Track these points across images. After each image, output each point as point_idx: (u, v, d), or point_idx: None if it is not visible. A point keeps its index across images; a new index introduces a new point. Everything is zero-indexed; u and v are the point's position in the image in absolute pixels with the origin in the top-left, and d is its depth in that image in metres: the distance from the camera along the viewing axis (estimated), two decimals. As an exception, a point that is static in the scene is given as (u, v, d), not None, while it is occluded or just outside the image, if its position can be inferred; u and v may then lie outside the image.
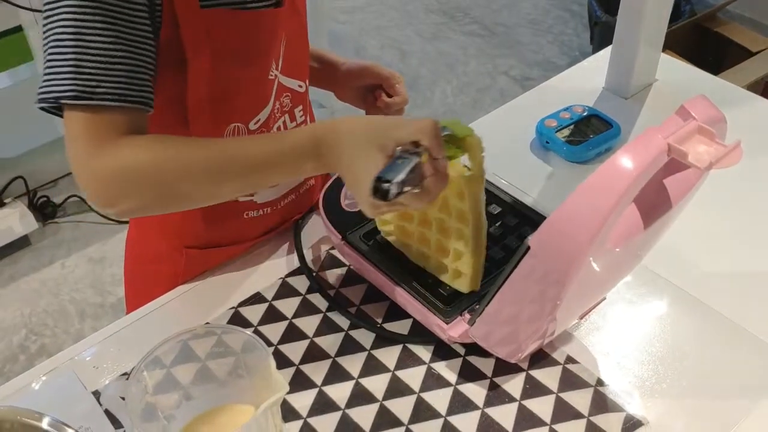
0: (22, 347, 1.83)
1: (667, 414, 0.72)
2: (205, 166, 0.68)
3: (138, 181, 0.67)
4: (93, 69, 0.65)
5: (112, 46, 0.65)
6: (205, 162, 0.68)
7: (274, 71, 0.79)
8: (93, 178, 0.67)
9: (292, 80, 0.83)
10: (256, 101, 0.79)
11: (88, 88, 0.65)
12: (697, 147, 0.55)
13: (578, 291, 0.64)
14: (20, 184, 2.09)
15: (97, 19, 0.64)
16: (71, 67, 0.64)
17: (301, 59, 0.85)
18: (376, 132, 0.67)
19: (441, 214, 0.80)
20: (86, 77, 0.64)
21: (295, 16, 0.80)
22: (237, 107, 0.78)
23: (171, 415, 0.67)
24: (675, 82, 1.17)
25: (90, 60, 0.64)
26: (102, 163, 0.66)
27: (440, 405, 0.73)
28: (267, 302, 0.83)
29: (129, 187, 0.67)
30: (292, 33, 0.80)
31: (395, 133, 0.66)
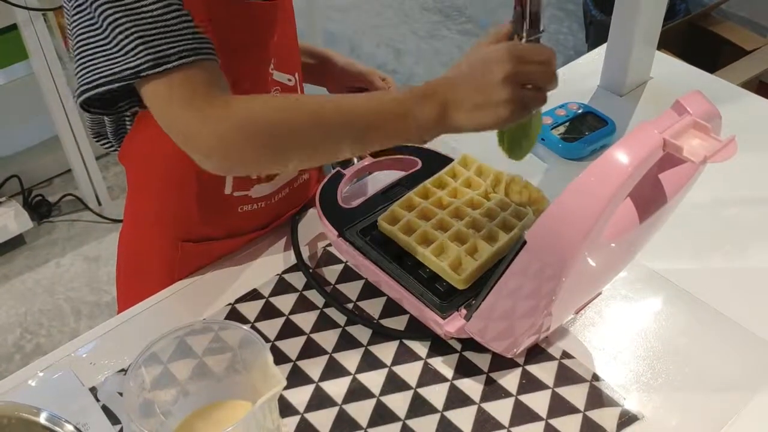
0: (17, 346, 1.82)
1: (663, 408, 0.73)
2: (316, 121, 0.67)
3: (255, 132, 0.66)
4: (157, 35, 0.64)
5: (164, 9, 0.64)
6: (317, 116, 0.67)
7: (269, 67, 0.80)
8: (214, 135, 0.65)
9: (282, 74, 0.83)
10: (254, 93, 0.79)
11: (161, 54, 0.64)
12: (692, 141, 0.55)
13: (574, 286, 0.65)
14: (15, 182, 2.09)
15: None
16: (136, 40, 0.64)
17: (290, 53, 0.85)
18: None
19: (443, 212, 0.81)
20: (155, 45, 0.64)
21: (283, 10, 0.81)
22: None
23: (168, 410, 0.67)
24: (670, 79, 1.17)
25: (151, 29, 0.64)
26: (220, 115, 0.65)
27: (437, 400, 0.73)
28: (264, 298, 0.83)
29: (248, 138, 0.65)
30: (284, 25, 0.81)
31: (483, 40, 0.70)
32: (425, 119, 0.67)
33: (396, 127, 0.68)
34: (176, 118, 0.66)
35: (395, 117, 0.68)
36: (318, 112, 0.67)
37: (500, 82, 0.65)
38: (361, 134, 0.68)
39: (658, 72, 1.17)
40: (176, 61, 0.64)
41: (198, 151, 0.66)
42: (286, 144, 0.67)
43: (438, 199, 0.84)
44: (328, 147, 0.69)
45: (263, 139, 0.66)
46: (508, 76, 0.65)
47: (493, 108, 0.66)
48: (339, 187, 0.88)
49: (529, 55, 0.66)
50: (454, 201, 0.83)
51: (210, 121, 0.65)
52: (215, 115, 0.65)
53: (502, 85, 0.65)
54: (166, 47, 0.64)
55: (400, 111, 0.68)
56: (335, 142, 0.69)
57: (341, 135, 0.68)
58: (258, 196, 0.86)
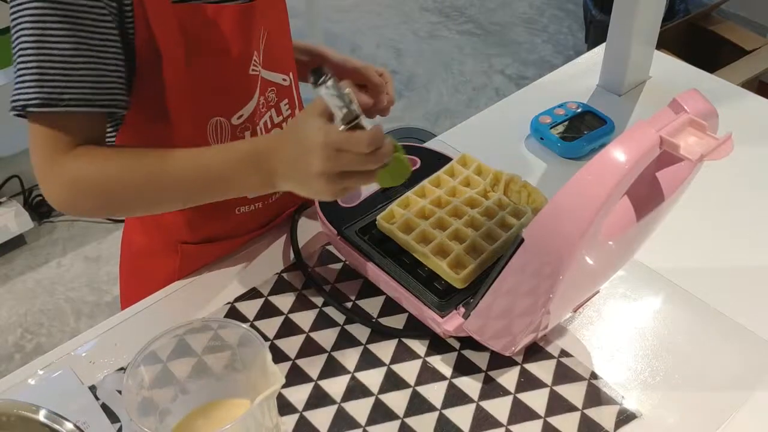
0: (17, 346, 1.82)
1: (661, 407, 0.73)
2: (146, 180, 0.70)
3: (87, 191, 0.70)
4: (56, 76, 0.66)
5: (75, 52, 0.66)
6: (147, 177, 0.70)
7: (257, 66, 0.79)
8: (49, 186, 0.70)
9: (275, 74, 0.83)
10: (238, 97, 0.79)
11: (54, 95, 0.66)
12: (689, 139, 0.55)
13: (571, 284, 0.65)
14: (15, 183, 2.09)
15: (57, 26, 0.65)
16: (35, 75, 0.65)
17: (283, 53, 0.84)
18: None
19: (442, 211, 0.81)
20: (51, 85, 0.66)
21: (273, 9, 0.80)
22: (217, 103, 0.78)
23: (167, 409, 0.67)
24: (669, 79, 1.17)
25: (53, 67, 0.65)
26: (57, 173, 0.69)
27: (435, 398, 0.73)
28: (263, 297, 0.83)
29: (80, 196, 0.71)
30: (271, 27, 0.80)
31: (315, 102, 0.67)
32: (250, 186, 0.70)
33: (223, 191, 0.72)
34: (33, 159, 0.70)
35: (221, 182, 0.70)
36: (148, 176, 0.70)
37: (316, 175, 0.64)
38: (190, 196, 0.73)
39: (657, 71, 1.17)
40: (65, 107, 0.66)
41: (43, 193, 0.71)
42: (119, 203, 0.72)
43: (437, 198, 0.84)
44: (162, 205, 0.75)
45: (94, 199, 0.71)
46: (322, 172, 0.64)
47: (314, 193, 0.68)
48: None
49: (345, 145, 0.63)
50: (453, 200, 0.83)
51: (48, 172, 0.69)
52: (56, 171, 0.69)
53: (317, 178, 0.65)
54: (60, 90, 0.66)
55: (225, 176, 0.70)
56: (168, 202, 0.74)
57: (172, 197, 0.73)
58: (255, 197, 0.86)
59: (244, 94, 0.79)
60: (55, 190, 0.70)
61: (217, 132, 0.79)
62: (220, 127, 0.79)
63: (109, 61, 0.68)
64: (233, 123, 0.80)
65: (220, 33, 0.74)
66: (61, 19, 0.64)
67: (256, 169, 0.69)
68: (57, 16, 0.64)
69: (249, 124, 0.81)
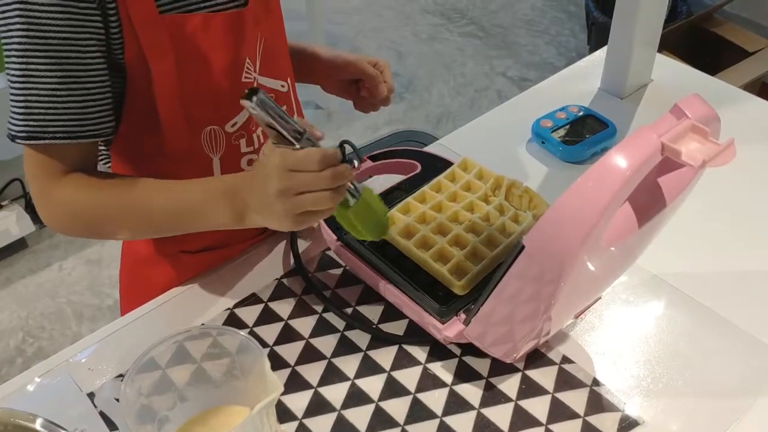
0: (19, 350, 1.82)
1: (663, 414, 0.72)
2: (126, 211, 0.74)
3: (76, 217, 0.75)
4: (42, 110, 0.67)
5: (60, 86, 0.67)
6: (127, 208, 0.74)
7: (252, 73, 0.79)
8: (43, 211, 0.75)
9: (273, 81, 0.82)
10: (230, 104, 0.78)
11: (39, 128, 0.68)
12: (691, 145, 0.55)
13: (573, 290, 0.64)
14: (17, 186, 2.09)
15: (42, 61, 0.66)
16: (22, 108, 0.68)
17: (280, 59, 0.84)
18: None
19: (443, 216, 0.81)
20: (36, 118, 0.67)
21: (269, 15, 0.80)
22: (210, 111, 0.78)
23: (166, 416, 0.67)
24: (671, 82, 1.17)
25: (38, 101, 0.67)
26: (50, 199, 0.73)
27: (436, 405, 0.73)
28: (263, 303, 0.83)
29: (70, 221, 0.75)
30: (268, 33, 0.80)
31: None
32: (221, 220, 0.72)
33: (196, 224, 0.74)
34: (30, 188, 0.74)
35: (194, 216, 0.73)
36: (128, 207, 0.74)
37: (275, 197, 0.66)
38: (164, 228, 0.76)
39: (659, 74, 1.16)
40: (51, 139, 0.69)
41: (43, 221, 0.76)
42: (103, 229, 0.77)
43: (438, 203, 0.83)
44: (142, 233, 0.80)
45: (82, 224, 0.75)
46: (280, 191, 0.65)
47: (277, 218, 0.68)
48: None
49: (298, 165, 0.65)
50: (454, 205, 0.83)
51: (42, 200, 0.74)
52: (48, 198, 0.73)
53: (276, 199, 0.66)
54: (46, 123, 0.68)
55: (197, 210, 0.72)
56: (146, 231, 0.79)
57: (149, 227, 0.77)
58: None
59: (236, 103, 0.78)
60: (48, 215, 0.75)
61: (212, 140, 0.79)
62: (214, 135, 0.79)
63: (94, 92, 0.69)
64: (227, 131, 0.79)
65: (210, 41, 0.73)
66: (45, 55, 0.66)
67: (229, 203, 0.71)
68: (40, 52, 0.65)
69: (244, 132, 0.80)
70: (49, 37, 0.65)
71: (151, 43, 0.70)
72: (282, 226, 0.69)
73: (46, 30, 0.65)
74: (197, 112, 0.76)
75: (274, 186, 0.65)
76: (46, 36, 0.65)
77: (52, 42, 0.65)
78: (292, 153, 0.65)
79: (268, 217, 0.69)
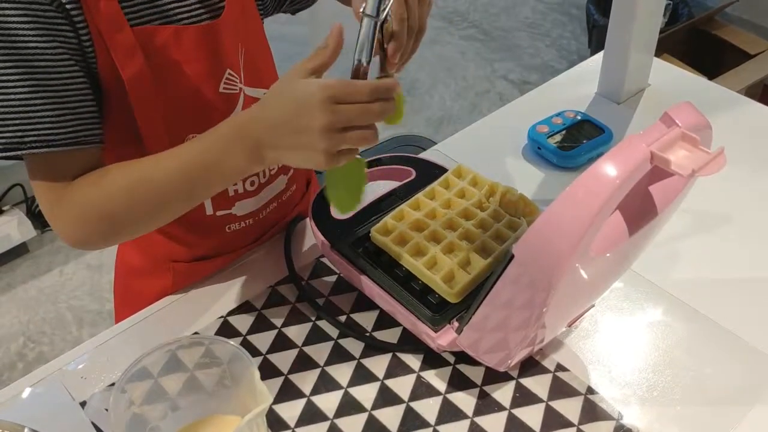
0: (20, 355, 1.83)
1: (659, 422, 0.72)
2: (145, 188, 0.70)
3: (97, 219, 0.70)
4: (16, 121, 0.66)
5: (32, 95, 0.66)
6: (146, 184, 0.70)
7: (237, 84, 0.79)
8: (58, 227, 0.72)
9: (256, 90, 0.81)
10: (209, 114, 0.77)
11: (15, 139, 0.67)
12: (680, 154, 0.54)
13: (565, 298, 0.64)
14: (18, 191, 2.09)
15: (11, 72, 0.65)
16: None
17: (263, 66, 0.84)
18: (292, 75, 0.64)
19: (436, 223, 0.81)
20: (11, 130, 0.66)
21: (247, 24, 0.79)
22: (189, 121, 0.77)
23: (157, 426, 0.67)
24: (668, 87, 1.16)
25: (12, 112, 0.66)
26: (61, 212, 0.70)
27: (429, 414, 0.72)
28: (256, 311, 0.83)
29: (92, 229, 0.71)
30: (248, 42, 0.80)
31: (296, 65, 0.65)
32: (238, 165, 0.67)
33: (213, 179, 0.69)
34: (36, 194, 0.71)
35: (207, 169, 0.68)
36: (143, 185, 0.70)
37: (318, 133, 0.61)
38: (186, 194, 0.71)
39: (657, 79, 1.16)
40: (28, 149, 0.67)
41: (55, 232, 0.72)
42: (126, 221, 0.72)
43: (431, 211, 0.83)
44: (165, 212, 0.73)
45: (97, 229, 0.71)
46: (325, 127, 0.61)
47: (310, 155, 0.63)
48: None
49: (346, 96, 0.60)
50: (448, 212, 0.83)
51: (54, 213, 0.71)
52: (61, 210, 0.70)
53: (320, 135, 0.61)
54: (21, 133, 0.67)
55: (211, 163, 0.68)
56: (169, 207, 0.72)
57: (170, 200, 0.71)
58: (244, 214, 0.85)
59: (216, 112, 0.77)
60: (62, 227, 0.72)
61: None
62: None
63: (70, 99, 0.68)
64: None
65: (183, 52, 0.73)
66: (14, 65, 0.65)
67: (240, 145, 0.66)
68: (10, 62, 0.65)
69: None
70: (18, 47, 0.65)
71: (123, 54, 0.69)
72: (313, 164, 0.64)
73: (15, 41, 0.64)
74: (176, 123, 0.76)
75: (318, 121, 0.60)
76: (16, 47, 0.64)
77: (21, 53, 0.65)
78: (337, 82, 0.60)
79: (299, 153, 0.63)
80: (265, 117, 0.65)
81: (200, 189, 0.71)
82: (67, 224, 0.71)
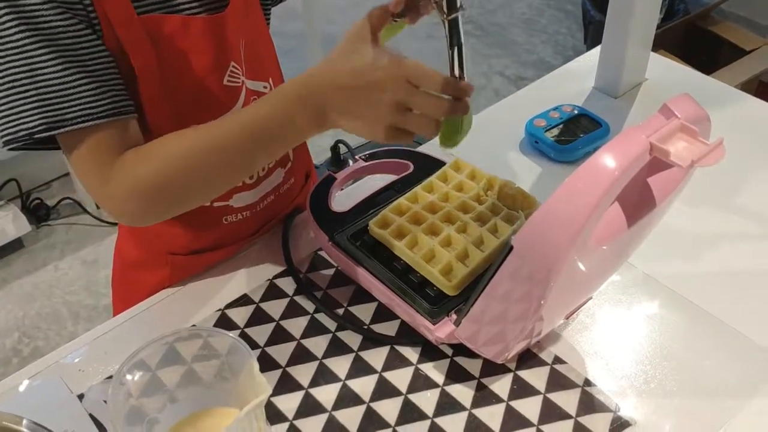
0: (15, 350, 1.82)
1: (655, 414, 0.72)
2: (205, 154, 0.68)
3: (153, 191, 0.69)
4: (55, 99, 0.66)
5: (66, 71, 0.66)
6: (206, 149, 0.68)
7: (240, 77, 0.79)
8: (114, 203, 0.70)
9: (256, 82, 0.82)
10: (214, 106, 0.77)
11: (57, 117, 0.66)
12: (679, 145, 0.54)
13: (563, 290, 0.64)
14: (13, 186, 2.09)
15: (42, 52, 0.65)
16: (35, 101, 0.65)
17: (264, 60, 0.84)
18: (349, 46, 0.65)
19: (434, 216, 0.81)
20: (52, 108, 0.66)
21: (249, 18, 0.80)
22: (194, 113, 0.76)
23: (155, 418, 0.67)
24: (665, 81, 1.16)
25: (50, 91, 0.65)
26: (116, 189, 0.69)
27: (427, 406, 0.73)
28: (254, 304, 0.83)
29: (149, 198, 0.70)
30: (249, 37, 0.80)
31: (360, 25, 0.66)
32: (300, 125, 0.67)
33: (275, 140, 0.69)
34: (81, 177, 0.70)
35: (269, 131, 0.67)
36: (201, 153, 0.68)
37: (386, 106, 0.62)
38: (249, 158, 0.70)
39: (653, 73, 1.16)
40: (71, 125, 0.66)
41: (107, 213, 0.71)
42: (183, 191, 0.71)
43: (429, 204, 0.83)
44: (226, 179, 0.72)
45: (159, 198, 0.70)
46: (394, 102, 0.62)
47: (373, 126, 0.64)
48: (330, 190, 0.87)
49: (421, 80, 0.61)
50: (446, 205, 0.83)
51: (105, 190, 0.69)
52: (111, 187, 0.69)
53: (387, 110, 0.62)
54: (62, 111, 0.66)
55: (274, 120, 0.67)
56: (229, 172, 0.71)
57: (231, 165, 0.70)
58: (241, 206, 0.85)
59: (219, 105, 0.78)
60: (117, 208, 0.71)
61: None
62: None
63: (100, 72, 0.68)
64: None
65: (190, 43, 0.73)
66: (43, 45, 0.65)
67: (306, 104, 0.65)
68: (38, 43, 0.65)
69: None
70: (42, 28, 0.64)
71: (133, 44, 0.69)
72: (371, 135, 0.64)
73: (38, 22, 0.64)
74: (182, 114, 0.76)
75: (390, 96, 0.61)
76: (39, 28, 0.64)
77: (46, 32, 0.65)
78: (415, 63, 0.61)
79: (362, 123, 0.64)
80: (335, 81, 0.64)
81: (260, 152, 0.70)
82: (120, 201, 0.70)
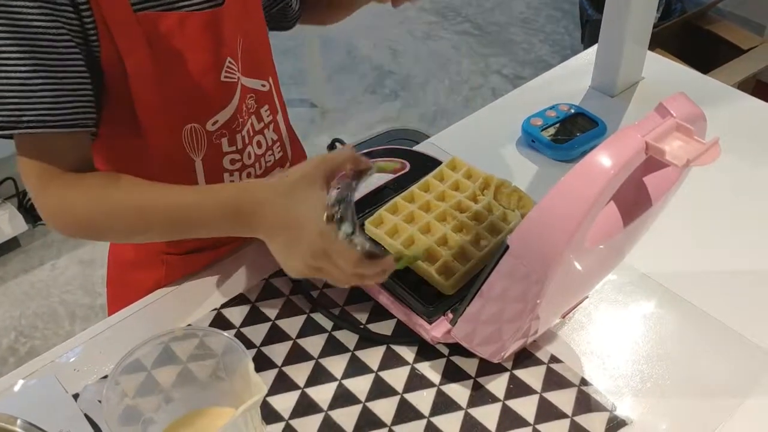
0: (11, 350, 1.82)
1: (651, 413, 0.72)
2: (129, 215, 0.72)
3: (75, 221, 0.73)
4: (14, 99, 0.66)
5: (33, 74, 0.66)
6: (132, 211, 0.72)
7: (236, 73, 0.79)
8: (42, 211, 0.73)
9: (253, 80, 0.82)
10: (210, 103, 0.77)
11: (13, 118, 0.66)
12: (675, 144, 0.54)
13: (559, 289, 0.64)
14: (10, 185, 2.08)
15: (13, 50, 0.65)
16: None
17: (261, 58, 0.84)
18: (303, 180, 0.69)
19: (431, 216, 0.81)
20: (9, 108, 0.66)
21: (247, 14, 0.79)
22: (189, 110, 0.77)
23: (150, 418, 0.66)
24: (661, 80, 1.16)
25: (12, 90, 0.66)
26: (47, 201, 0.72)
27: (423, 406, 0.72)
28: (250, 303, 0.82)
29: (69, 224, 0.74)
30: (247, 33, 0.79)
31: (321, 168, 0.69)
32: (226, 231, 0.73)
33: (198, 232, 0.75)
34: (23, 177, 0.72)
35: (201, 228, 0.73)
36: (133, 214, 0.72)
37: (301, 258, 0.69)
38: (170, 235, 0.77)
39: (650, 72, 1.16)
40: (24, 128, 0.67)
41: (41, 217, 0.74)
42: (103, 235, 0.78)
43: (426, 203, 0.83)
44: (144, 238, 0.78)
45: (79, 228, 0.74)
46: (307, 264, 0.69)
47: (291, 262, 0.70)
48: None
49: (337, 257, 0.67)
50: (442, 204, 0.83)
51: (39, 198, 0.72)
52: (45, 200, 0.72)
53: (302, 262, 0.69)
54: (19, 112, 0.66)
55: (204, 223, 0.72)
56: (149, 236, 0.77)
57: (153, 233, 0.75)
58: None
59: (216, 101, 0.78)
60: (46, 217, 0.73)
61: (193, 138, 0.78)
62: (195, 133, 0.78)
63: (69, 81, 0.68)
64: (208, 129, 0.79)
65: (187, 40, 0.73)
66: (16, 43, 0.65)
67: (235, 221, 0.71)
68: (12, 40, 0.64)
69: (225, 131, 0.80)
70: (21, 26, 0.64)
71: (126, 40, 0.69)
72: (290, 270, 0.71)
73: (19, 19, 0.64)
74: (176, 112, 0.76)
75: (306, 253, 0.68)
76: (18, 25, 0.64)
77: (23, 31, 0.64)
78: (337, 245, 0.67)
79: (283, 256, 0.71)
80: (267, 214, 0.70)
81: (182, 234, 0.77)
82: (47, 214, 0.73)
